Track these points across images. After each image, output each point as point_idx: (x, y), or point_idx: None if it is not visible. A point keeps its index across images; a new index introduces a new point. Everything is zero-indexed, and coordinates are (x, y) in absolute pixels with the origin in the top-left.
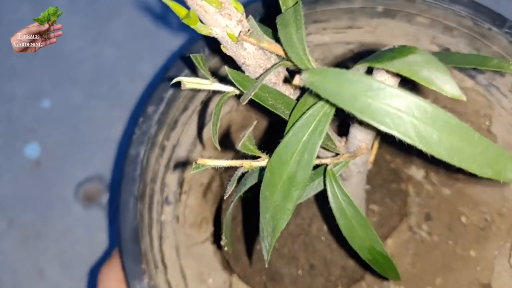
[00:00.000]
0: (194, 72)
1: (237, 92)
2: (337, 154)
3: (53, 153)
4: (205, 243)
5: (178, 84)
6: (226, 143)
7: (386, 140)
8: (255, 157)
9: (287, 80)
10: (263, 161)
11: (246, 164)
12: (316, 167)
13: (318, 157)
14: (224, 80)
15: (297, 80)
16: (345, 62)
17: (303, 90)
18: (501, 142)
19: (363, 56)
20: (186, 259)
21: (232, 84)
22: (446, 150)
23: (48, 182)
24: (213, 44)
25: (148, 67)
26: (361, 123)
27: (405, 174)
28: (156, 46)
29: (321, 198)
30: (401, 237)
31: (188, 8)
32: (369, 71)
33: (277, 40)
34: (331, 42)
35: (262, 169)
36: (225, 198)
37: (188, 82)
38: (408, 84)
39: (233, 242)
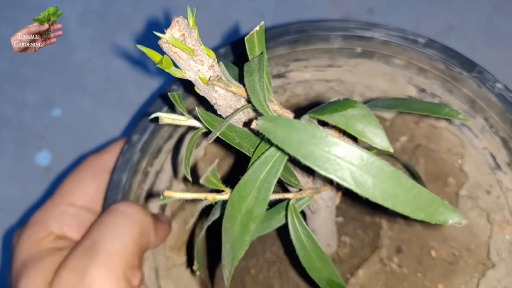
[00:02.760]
0: (173, 108)
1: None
2: (301, 190)
3: (62, 160)
4: (184, 265)
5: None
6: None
7: None
8: (220, 191)
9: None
10: (226, 195)
11: (210, 197)
12: (281, 201)
13: (285, 191)
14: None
15: (254, 124)
16: (324, 100)
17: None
18: (472, 181)
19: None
20: (165, 280)
21: None
22: (380, 194)
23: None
24: (187, 85)
25: (155, 78)
26: None
27: (379, 208)
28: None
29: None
30: (372, 268)
31: (163, 53)
32: None
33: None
34: (312, 79)
35: (224, 202)
36: (186, 228)
37: (166, 117)
38: None
39: (212, 266)
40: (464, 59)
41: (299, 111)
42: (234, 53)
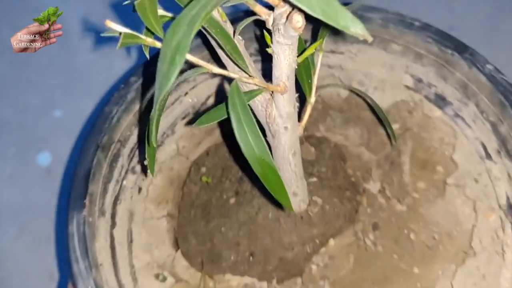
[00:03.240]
0: None
1: None
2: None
3: (63, 162)
4: (161, 219)
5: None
6: None
7: (351, 155)
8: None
9: None
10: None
11: (149, 40)
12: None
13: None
14: None
15: None
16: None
17: None
18: (461, 169)
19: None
20: (138, 227)
21: None
22: None
23: (58, 189)
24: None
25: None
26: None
27: (362, 187)
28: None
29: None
30: (345, 241)
31: None
32: None
33: None
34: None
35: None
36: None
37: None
38: None
39: (185, 224)
40: (457, 41)
41: None
42: None
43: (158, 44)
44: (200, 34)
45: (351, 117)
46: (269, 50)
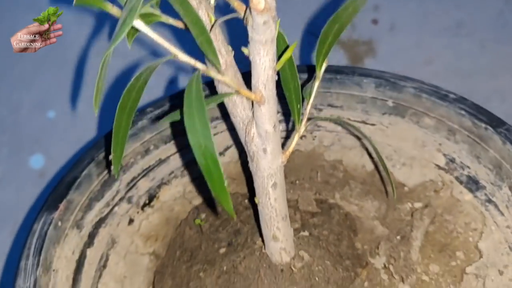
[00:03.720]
0: None
1: None
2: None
3: (57, 165)
4: (145, 256)
5: None
6: None
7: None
8: None
9: None
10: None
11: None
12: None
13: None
14: None
15: None
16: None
17: None
18: (486, 259)
19: None
20: (117, 257)
21: None
22: None
23: None
24: None
25: (154, 78)
26: None
27: (366, 261)
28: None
29: None
30: None
31: None
32: None
33: None
34: (343, 132)
35: None
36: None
37: None
38: None
39: (168, 264)
40: (492, 115)
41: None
42: None
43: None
44: None
45: (372, 190)
46: (244, 50)
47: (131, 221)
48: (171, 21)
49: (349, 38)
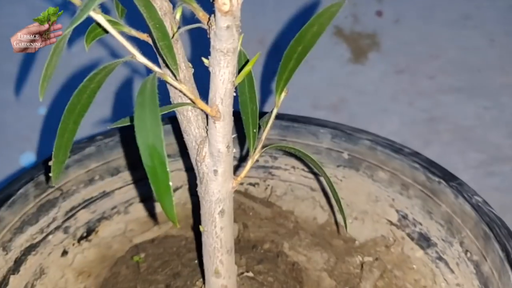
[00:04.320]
0: None
1: None
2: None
3: None
4: None
5: None
6: None
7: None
8: None
9: None
10: None
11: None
12: None
13: None
14: None
15: None
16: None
17: None
18: None
19: None
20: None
21: None
22: None
23: None
24: None
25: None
26: None
27: None
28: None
29: None
30: None
31: None
32: None
33: None
34: (296, 182)
35: None
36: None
37: None
38: None
39: None
40: (445, 171)
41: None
42: None
43: None
44: None
45: (322, 242)
46: (205, 61)
47: (64, 252)
48: (133, 32)
49: (352, 30)
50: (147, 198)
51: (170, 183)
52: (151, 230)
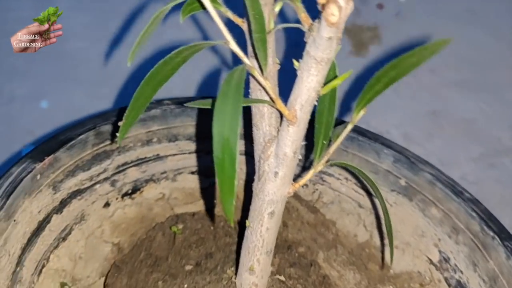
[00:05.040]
0: None
1: None
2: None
3: None
4: (107, 244)
5: None
6: None
7: None
8: None
9: None
10: None
11: None
12: None
13: None
14: None
15: None
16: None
17: None
18: None
19: None
20: (80, 233)
21: None
22: None
23: None
24: None
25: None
26: None
27: None
28: (161, 45)
29: None
30: None
31: None
32: None
33: None
34: (344, 194)
35: None
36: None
37: None
38: None
39: (128, 261)
40: (504, 229)
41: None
42: None
43: None
44: None
45: (358, 263)
46: (295, 63)
47: (107, 204)
48: (229, 14)
49: (353, 23)
50: (197, 172)
51: (236, 182)
52: (194, 203)
